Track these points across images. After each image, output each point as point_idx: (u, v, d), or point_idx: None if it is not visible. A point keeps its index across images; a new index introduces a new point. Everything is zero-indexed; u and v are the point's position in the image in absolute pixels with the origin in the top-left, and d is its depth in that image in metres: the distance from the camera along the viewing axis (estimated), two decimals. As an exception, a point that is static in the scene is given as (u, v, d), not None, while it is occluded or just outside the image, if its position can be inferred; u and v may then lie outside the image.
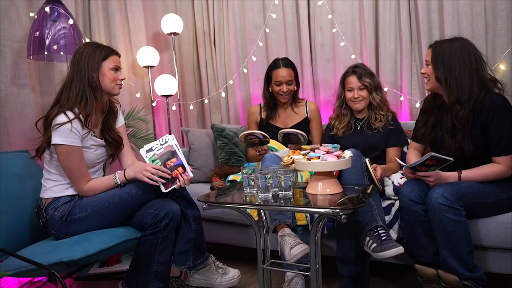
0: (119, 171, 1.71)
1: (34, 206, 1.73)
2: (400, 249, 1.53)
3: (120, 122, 1.89)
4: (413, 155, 1.93)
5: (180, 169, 1.68)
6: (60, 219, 1.62)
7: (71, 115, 1.63)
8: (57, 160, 1.67)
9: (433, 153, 1.54)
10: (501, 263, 1.65)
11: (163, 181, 1.65)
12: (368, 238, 1.61)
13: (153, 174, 1.63)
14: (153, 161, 1.67)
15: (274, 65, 2.42)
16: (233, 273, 1.92)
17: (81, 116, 1.65)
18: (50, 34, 2.17)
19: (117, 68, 1.76)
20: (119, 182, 1.69)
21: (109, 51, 1.74)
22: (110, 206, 1.63)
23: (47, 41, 2.17)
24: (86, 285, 2.16)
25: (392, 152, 2.11)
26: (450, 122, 1.69)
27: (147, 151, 1.67)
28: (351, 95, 2.13)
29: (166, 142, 1.67)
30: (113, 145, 1.80)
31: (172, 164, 1.67)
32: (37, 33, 2.18)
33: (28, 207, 1.75)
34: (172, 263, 1.79)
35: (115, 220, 1.66)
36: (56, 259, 1.46)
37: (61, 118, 1.61)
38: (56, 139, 1.60)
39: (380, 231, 1.60)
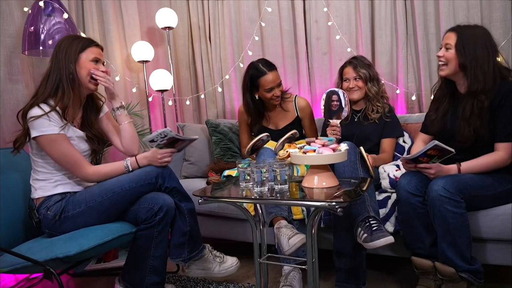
0: (128, 158, 1.71)
1: (26, 205, 1.71)
2: (389, 239, 1.52)
3: (104, 110, 1.86)
4: (419, 147, 1.91)
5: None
6: (53, 218, 1.60)
7: (46, 107, 1.60)
8: (41, 156, 1.65)
9: (436, 142, 1.52)
10: (498, 255, 1.66)
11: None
12: (359, 229, 1.60)
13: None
14: (160, 148, 1.68)
15: (259, 72, 2.21)
16: (231, 261, 1.89)
17: (58, 108, 1.62)
18: (45, 28, 2.15)
19: (97, 60, 1.71)
20: (130, 169, 1.69)
21: (88, 42, 1.70)
22: (104, 201, 1.61)
23: (42, 36, 2.15)
24: (83, 281, 2.15)
25: (386, 143, 2.11)
26: (469, 109, 1.66)
27: (150, 142, 1.66)
28: (347, 85, 2.14)
29: (165, 135, 1.66)
30: (94, 141, 1.77)
31: (179, 144, 1.72)
32: (32, 28, 2.16)
33: (22, 203, 1.74)
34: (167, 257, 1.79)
35: (109, 215, 1.64)
36: (52, 255, 1.44)
37: (35, 111, 1.58)
38: (34, 131, 1.57)
39: (372, 222, 1.59)
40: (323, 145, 1.46)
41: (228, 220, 2.21)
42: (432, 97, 1.94)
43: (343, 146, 1.48)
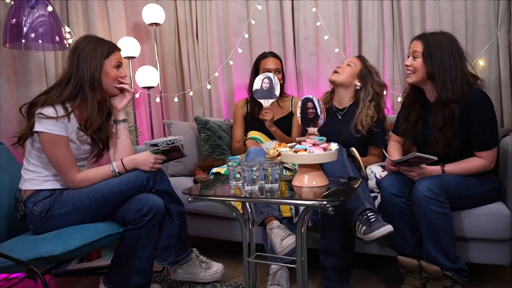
0: (114, 161, 1.68)
1: (11, 200, 1.66)
2: (389, 227, 1.52)
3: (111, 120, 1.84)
4: (394, 148, 1.94)
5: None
6: (39, 215, 1.56)
7: (61, 110, 1.57)
8: (37, 149, 1.61)
9: (417, 154, 1.55)
10: (481, 254, 1.70)
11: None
12: (358, 223, 1.60)
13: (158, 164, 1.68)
14: (155, 153, 1.66)
15: (262, 56, 2.46)
16: (216, 267, 1.92)
17: (72, 115, 1.60)
18: (28, 21, 2.07)
19: (119, 65, 1.70)
20: (117, 171, 1.66)
21: (112, 47, 1.69)
22: (92, 203, 1.58)
23: (25, 29, 2.07)
24: (65, 281, 2.10)
25: (374, 150, 2.10)
26: (441, 119, 1.66)
27: (151, 145, 1.63)
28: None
29: (173, 143, 1.64)
30: (99, 144, 1.73)
31: (172, 155, 1.71)
32: (14, 20, 2.08)
33: (4, 201, 1.68)
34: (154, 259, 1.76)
35: (96, 216, 1.61)
36: (35, 255, 1.41)
37: (49, 110, 1.54)
38: (39, 126, 1.53)
39: (369, 214, 1.59)
40: (314, 144, 1.46)
41: (215, 219, 2.20)
42: (400, 101, 1.95)
43: (334, 146, 1.49)
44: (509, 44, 2.33)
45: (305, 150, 1.44)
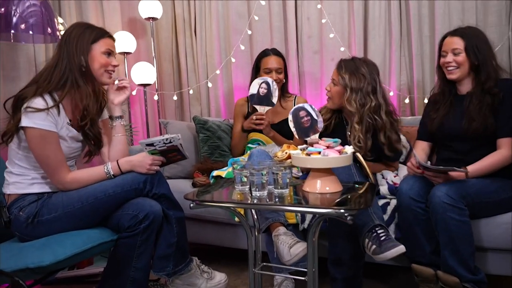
0: (109, 163, 1.55)
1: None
2: (401, 248, 1.44)
3: (104, 115, 1.72)
4: (420, 150, 1.86)
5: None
6: (25, 221, 1.43)
7: (49, 100, 1.44)
8: (24, 149, 1.47)
9: (451, 168, 1.51)
10: (500, 264, 1.61)
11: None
12: (367, 240, 1.51)
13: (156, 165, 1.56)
14: (152, 153, 1.54)
15: (264, 53, 2.31)
16: (219, 278, 1.78)
17: (62, 109, 1.48)
18: (18, 11, 1.95)
19: (109, 53, 1.58)
20: (112, 172, 1.53)
21: (101, 33, 1.57)
22: (84, 207, 1.45)
23: (14, 19, 1.94)
24: (54, 290, 1.97)
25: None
26: (478, 103, 1.67)
27: (148, 145, 1.52)
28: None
29: (171, 142, 1.52)
30: (91, 141, 1.60)
31: (172, 156, 1.58)
32: (3, 9, 1.95)
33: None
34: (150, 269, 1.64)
35: (88, 222, 1.48)
36: (21, 265, 1.28)
37: (38, 101, 1.42)
38: (26, 121, 1.40)
39: (379, 231, 1.50)
40: (327, 147, 1.36)
41: (214, 224, 2.08)
42: (426, 100, 1.90)
43: (349, 149, 1.38)
44: (521, 45, 2.27)
45: (319, 153, 1.33)
